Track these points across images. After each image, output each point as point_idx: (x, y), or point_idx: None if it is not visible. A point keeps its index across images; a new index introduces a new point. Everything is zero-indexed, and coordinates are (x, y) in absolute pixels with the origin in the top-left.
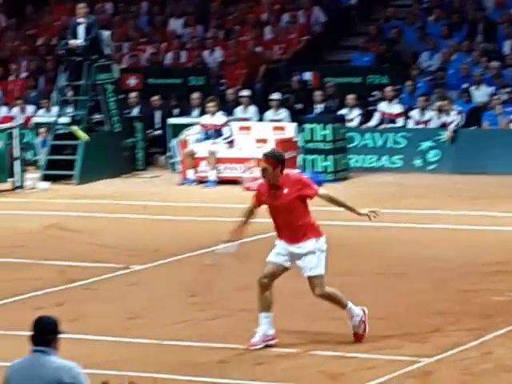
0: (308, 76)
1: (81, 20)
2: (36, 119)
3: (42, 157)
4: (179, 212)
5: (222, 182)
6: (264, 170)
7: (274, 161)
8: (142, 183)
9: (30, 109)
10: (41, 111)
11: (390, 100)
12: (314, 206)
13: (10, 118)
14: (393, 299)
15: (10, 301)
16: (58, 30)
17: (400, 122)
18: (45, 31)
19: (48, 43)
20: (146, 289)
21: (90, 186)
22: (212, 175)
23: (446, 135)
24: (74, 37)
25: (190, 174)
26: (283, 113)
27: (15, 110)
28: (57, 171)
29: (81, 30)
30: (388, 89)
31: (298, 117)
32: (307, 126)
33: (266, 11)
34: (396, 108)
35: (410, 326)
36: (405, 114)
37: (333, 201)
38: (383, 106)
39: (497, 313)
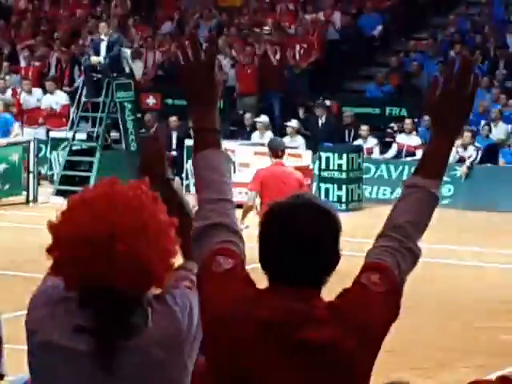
0: (327, 104)
1: (103, 37)
2: (53, 134)
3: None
4: None
5: (238, 206)
6: None
7: None
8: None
9: (35, 92)
10: (47, 95)
11: (409, 132)
12: None
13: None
14: (400, 332)
15: (19, 314)
16: (74, 25)
17: (419, 154)
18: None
19: (63, 37)
20: None
21: None
22: None
23: (461, 170)
24: (96, 53)
25: None
26: (299, 140)
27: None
28: (71, 187)
29: (103, 47)
30: (408, 121)
31: (312, 143)
32: (323, 155)
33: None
34: (414, 140)
35: (416, 361)
36: (422, 147)
37: None
38: (402, 138)
39: (505, 351)
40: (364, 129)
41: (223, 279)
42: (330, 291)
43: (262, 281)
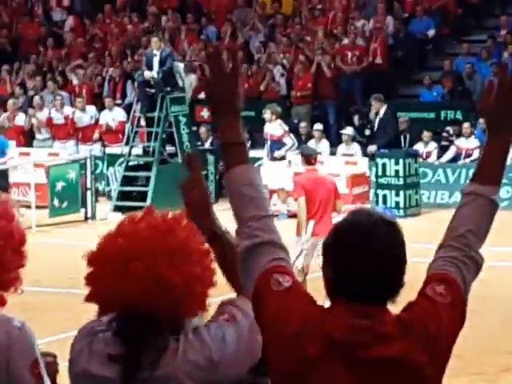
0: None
1: (155, 52)
2: (109, 150)
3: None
4: None
5: (294, 215)
6: None
7: None
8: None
9: (89, 109)
10: (105, 111)
11: (468, 136)
12: None
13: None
14: (464, 336)
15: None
16: (126, 41)
17: (476, 154)
18: (113, 40)
19: (115, 53)
20: None
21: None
22: (283, 209)
23: None
24: (149, 68)
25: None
26: (355, 147)
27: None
28: (128, 202)
29: (155, 62)
30: (466, 125)
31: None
32: (379, 161)
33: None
34: (473, 143)
35: (480, 365)
36: (480, 149)
37: None
38: (461, 142)
39: None
40: (426, 135)
41: (286, 298)
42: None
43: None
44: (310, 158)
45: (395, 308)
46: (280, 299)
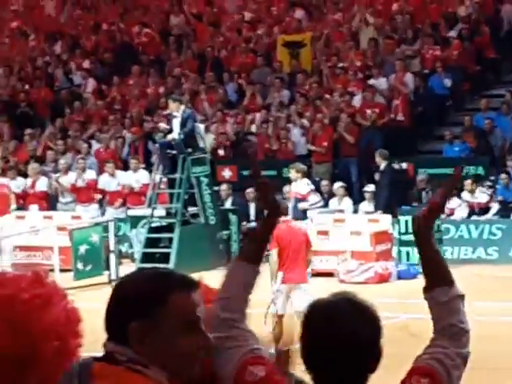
0: (404, 166)
1: (176, 113)
2: (132, 212)
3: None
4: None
5: (317, 274)
6: None
7: None
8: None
9: (119, 173)
10: (129, 172)
11: (472, 191)
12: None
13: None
14: None
15: None
16: (146, 103)
17: (493, 209)
18: (133, 102)
19: (136, 116)
20: None
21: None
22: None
23: None
24: (170, 130)
25: None
26: None
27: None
28: (152, 264)
29: (176, 123)
30: (468, 181)
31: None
32: (402, 218)
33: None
34: (481, 197)
35: None
36: (490, 202)
37: None
38: (467, 197)
39: None
40: None
41: None
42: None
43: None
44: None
45: None
46: None
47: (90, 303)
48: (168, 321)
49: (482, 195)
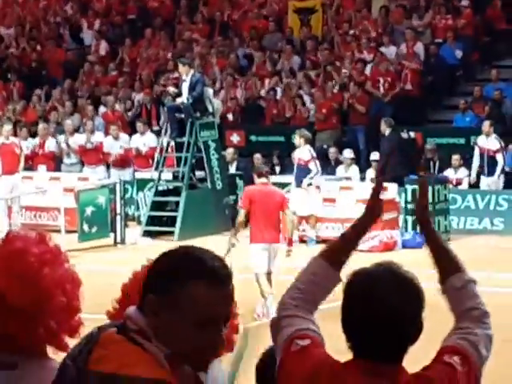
0: (412, 135)
1: (185, 77)
2: (139, 175)
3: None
4: (282, 272)
5: (323, 241)
6: None
7: None
8: (242, 241)
9: (123, 136)
10: (136, 135)
11: (488, 135)
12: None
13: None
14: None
15: None
16: (156, 66)
17: (499, 157)
18: (143, 65)
19: (146, 78)
20: None
21: (189, 242)
22: (312, 234)
23: None
24: (179, 93)
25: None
26: None
27: (110, 140)
28: (158, 227)
29: (185, 87)
30: (486, 123)
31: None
32: (409, 187)
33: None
34: (494, 143)
35: None
36: (502, 150)
37: None
38: (481, 141)
39: None
40: (455, 158)
41: (301, 355)
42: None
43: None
44: (260, 172)
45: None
46: (296, 357)
47: (95, 265)
48: (184, 305)
49: (495, 141)
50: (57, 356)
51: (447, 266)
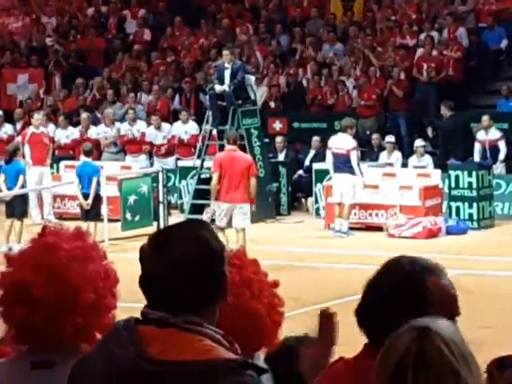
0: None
1: (227, 65)
2: (182, 163)
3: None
4: (321, 259)
5: (366, 228)
6: None
7: None
8: (285, 229)
9: (165, 126)
10: (178, 123)
11: (487, 128)
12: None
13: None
14: None
15: None
16: (198, 54)
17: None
18: (185, 54)
19: (188, 67)
20: None
21: (234, 231)
22: (345, 226)
23: None
24: (221, 81)
25: (337, 223)
26: (427, 159)
27: (152, 130)
28: (201, 215)
29: (226, 75)
30: (485, 117)
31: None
32: (452, 173)
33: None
34: (494, 133)
35: None
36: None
37: None
38: (481, 135)
39: None
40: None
41: None
42: None
43: None
44: (229, 139)
45: None
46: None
47: (138, 254)
48: None
49: (494, 132)
50: None
51: None
